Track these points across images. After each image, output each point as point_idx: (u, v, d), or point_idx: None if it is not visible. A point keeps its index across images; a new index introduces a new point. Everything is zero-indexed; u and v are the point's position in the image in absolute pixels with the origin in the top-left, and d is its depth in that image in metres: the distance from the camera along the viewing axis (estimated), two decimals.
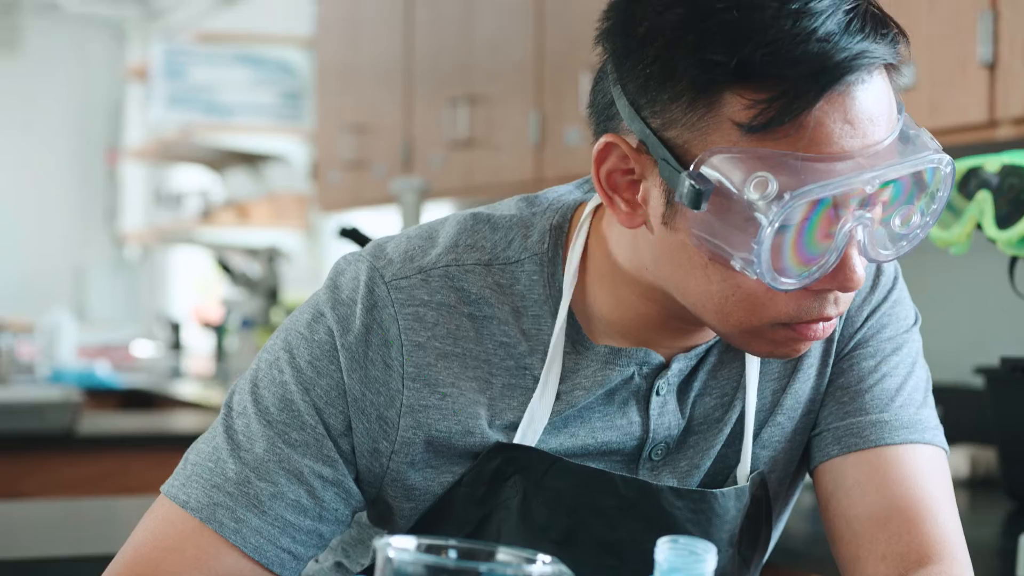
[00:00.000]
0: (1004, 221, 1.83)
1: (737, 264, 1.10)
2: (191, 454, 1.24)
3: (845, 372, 1.31)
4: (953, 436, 2.92)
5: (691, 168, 1.09)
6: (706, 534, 1.25)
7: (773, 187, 1.06)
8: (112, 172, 8.47)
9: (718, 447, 1.29)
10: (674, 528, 1.24)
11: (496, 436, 1.23)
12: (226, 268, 5.77)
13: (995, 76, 2.29)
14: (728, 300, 1.14)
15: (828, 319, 1.15)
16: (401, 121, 4.39)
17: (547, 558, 0.87)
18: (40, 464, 3.66)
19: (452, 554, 0.87)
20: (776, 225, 1.07)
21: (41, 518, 2.58)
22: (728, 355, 1.29)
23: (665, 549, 0.90)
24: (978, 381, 2.82)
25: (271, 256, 5.69)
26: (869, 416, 1.28)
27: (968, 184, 1.90)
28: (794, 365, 1.30)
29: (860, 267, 1.11)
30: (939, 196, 1.15)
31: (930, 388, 1.33)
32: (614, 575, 1.25)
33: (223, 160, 6.92)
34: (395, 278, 1.23)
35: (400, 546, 0.87)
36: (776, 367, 1.30)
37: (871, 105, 1.09)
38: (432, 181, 4.00)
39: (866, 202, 1.10)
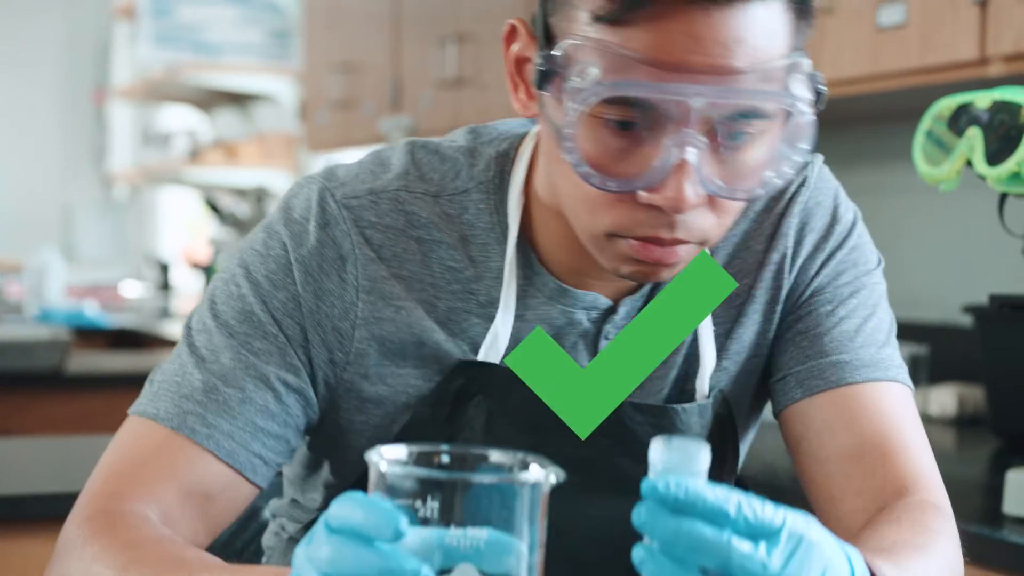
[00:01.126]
0: (994, 157, 1.82)
1: (563, 155, 1.12)
2: (156, 376, 1.25)
3: (803, 318, 1.31)
4: (941, 375, 2.93)
5: (542, 49, 1.13)
6: None
7: (593, 77, 1.08)
8: (100, 112, 8.42)
9: (666, 390, 1.30)
10: (636, 444, 1.25)
11: (451, 350, 1.24)
12: (214, 208, 5.76)
13: (986, 13, 2.28)
14: (573, 199, 1.17)
15: (662, 241, 1.14)
16: (389, 60, 4.36)
17: (539, 460, 0.87)
18: (29, 403, 3.66)
19: (444, 459, 0.86)
20: (580, 110, 1.09)
21: (29, 455, 2.59)
22: None
23: (659, 449, 0.90)
24: (966, 320, 2.82)
25: (259, 196, 5.68)
26: (830, 358, 1.28)
27: (958, 120, 1.89)
28: (738, 311, 1.30)
29: (689, 190, 1.10)
30: (800, 147, 1.14)
31: (894, 331, 1.32)
32: (582, 493, 1.25)
33: (211, 100, 6.88)
34: (346, 197, 1.25)
35: (392, 456, 0.86)
36: (720, 312, 1.30)
37: (731, 31, 1.07)
38: (421, 120, 3.98)
39: (701, 124, 1.09)
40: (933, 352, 2.93)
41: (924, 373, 2.89)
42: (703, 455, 0.90)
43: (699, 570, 0.88)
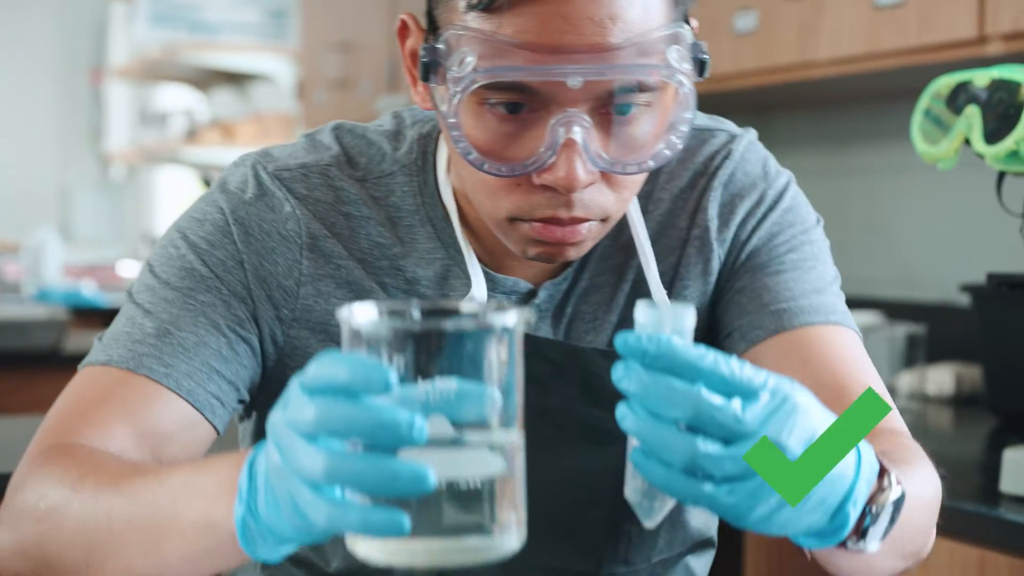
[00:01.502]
0: (993, 136, 1.82)
1: (453, 144, 1.14)
2: (103, 335, 1.24)
3: (741, 278, 1.31)
4: (939, 354, 2.93)
5: (426, 41, 1.15)
6: None
7: (470, 64, 1.10)
8: (96, 91, 8.40)
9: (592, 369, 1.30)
10: (605, 391, 1.25)
11: None
12: None
13: None
14: (473, 186, 1.19)
15: (562, 221, 1.15)
16: (386, 39, 4.35)
17: (510, 305, 0.88)
18: (25, 382, 3.66)
19: (415, 314, 0.85)
20: (460, 98, 1.10)
21: (25, 434, 2.58)
22: (601, 278, 1.30)
23: (644, 310, 0.91)
24: (964, 299, 2.82)
25: None
26: (769, 308, 1.28)
27: (957, 99, 1.89)
28: (670, 279, 1.30)
29: (579, 168, 1.11)
30: (684, 117, 1.14)
31: (837, 283, 1.32)
32: (552, 445, 1.25)
33: (208, 79, 6.87)
34: (277, 170, 1.28)
35: (365, 315, 0.85)
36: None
37: (603, 8, 1.08)
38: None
39: (585, 103, 1.11)
40: (931, 331, 2.93)
41: (922, 352, 2.90)
42: (687, 315, 0.91)
43: (675, 424, 0.88)
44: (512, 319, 0.86)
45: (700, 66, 1.16)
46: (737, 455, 0.88)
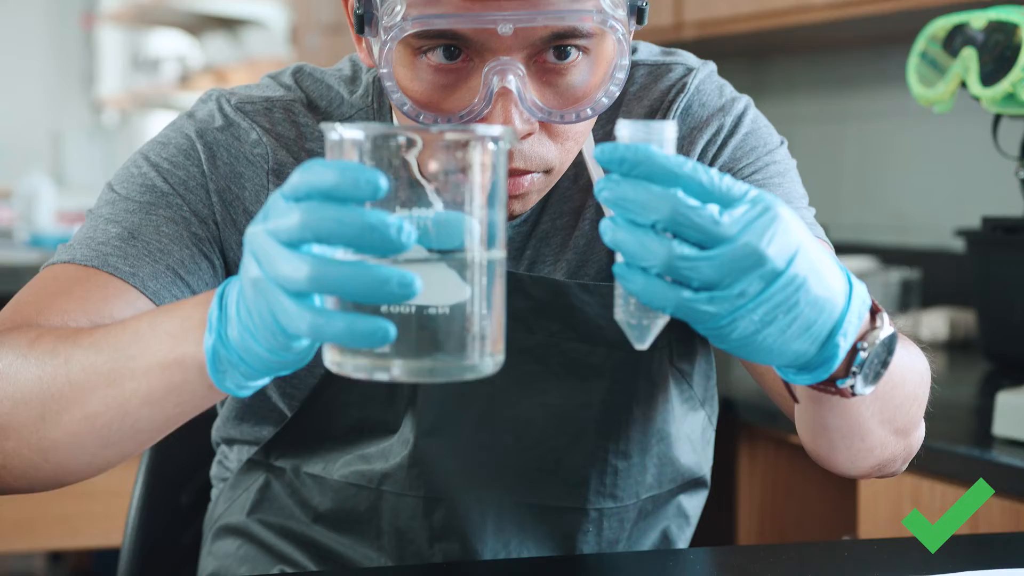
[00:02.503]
0: (989, 78, 1.81)
1: (388, 96, 1.13)
2: (64, 244, 1.22)
3: None
4: (933, 299, 2.93)
5: None
6: (620, 330, 1.25)
7: (399, 13, 1.09)
8: (88, 37, 8.35)
9: (599, 270, 1.29)
10: (588, 325, 1.25)
11: None
12: None
13: None
14: None
15: (513, 171, 1.14)
16: None
17: (493, 129, 0.87)
18: None
19: (400, 138, 0.85)
20: (388, 47, 1.09)
21: None
22: (561, 220, 1.29)
23: (625, 125, 0.91)
24: (958, 244, 2.82)
25: None
26: None
27: (953, 41, 1.88)
28: None
29: (516, 118, 1.10)
30: (621, 64, 1.13)
31: (805, 201, 1.32)
32: (539, 381, 1.25)
33: (200, 24, 6.83)
34: (241, 102, 1.28)
35: (346, 130, 0.85)
36: None
37: None
38: None
39: (519, 51, 1.09)
40: (925, 277, 2.93)
41: (916, 297, 2.89)
42: (668, 128, 0.91)
43: (650, 228, 0.88)
44: (498, 130, 0.86)
45: (638, 13, 1.13)
46: (714, 258, 0.87)
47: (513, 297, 1.24)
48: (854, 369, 0.99)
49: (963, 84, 1.87)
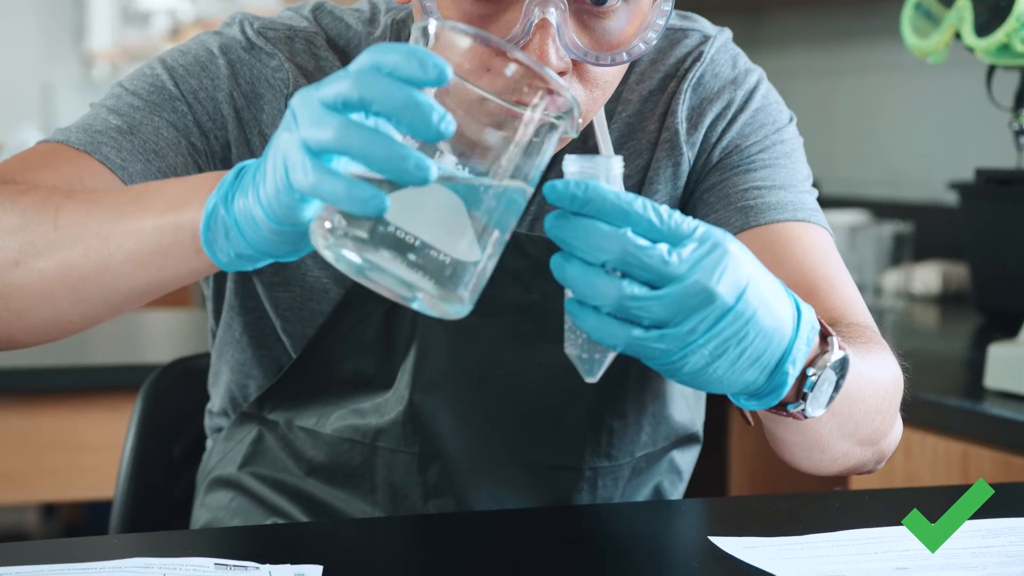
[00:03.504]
0: (983, 29, 1.80)
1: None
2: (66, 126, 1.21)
3: (711, 177, 1.29)
4: (926, 253, 2.93)
5: None
6: None
7: None
8: None
9: None
10: None
11: None
12: None
13: None
14: None
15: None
16: None
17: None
18: None
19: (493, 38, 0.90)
20: None
21: None
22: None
23: (572, 161, 0.92)
24: (951, 198, 2.82)
25: None
26: (735, 205, 1.26)
27: None
28: (639, 182, 1.29)
29: (551, 52, 1.08)
30: (662, 10, 1.12)
31: (809, 181, 1.31)
32: (534, 342, 1.25)
33: None
34: (264, 27, 1.27)
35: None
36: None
37: None
38: None
39: None
40: (917, 230, 2.93)
41: (908, 251, 2.89)
42: (615, 164, 0.92)
43: (601, 268, 0.89)
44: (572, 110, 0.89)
45: None
46: (664, 298, 0.88)
47: (510, 255, 1.24)
48: (804, 392, 1.00)
49: (957, 35, 1.86)
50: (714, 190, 1.28)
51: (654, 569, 1.02)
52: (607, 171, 0.92)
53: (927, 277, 2.79)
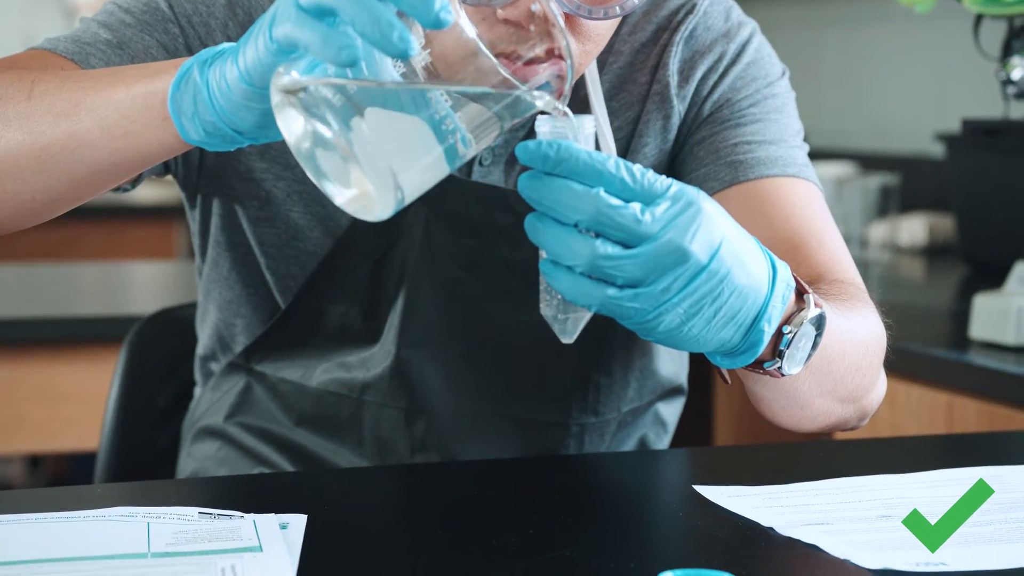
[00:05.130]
0: None
1: None
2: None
3: (701, 131, 1.29)
4: (911, 204, 2.93)
5: None
6: None
7: None
8: None
9: None
10: None
11: None
12: None
13: None
14: None
15: (521, 59, 1.11)
16: None
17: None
18: None
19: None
20: None
21: (9, 277, 2.58)
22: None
23: (544, 121, 0.92)
24: (937, 149, 2.81)
25: None
26: (724, 159, 1.26)
27: None
28: (629, 134, 1.28)
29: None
30: None
31: (800, 136, 1.30)
32: (522, 299, 1.25)
33: None
34: None
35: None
36: (612, 128, 1.28)
37: None
38: None
39: None
40: (904, 182, 2.93)
41: (895, 203, 2.89)
42: (586, 123, 0.92)
43: (574, 228, 0.89)
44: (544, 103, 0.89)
45: None
46: (637, 256, 0.88)
47: (498, 211, 1.23)
48: (780, 349, 1.00)
49: None
50: (704, 144, 1.28)
51: (638, 518, 1.02)
52: (579, 131, 0.91)
53: (913, 229, 2.79)
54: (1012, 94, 2.09)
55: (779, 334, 0.99)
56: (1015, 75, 2.05)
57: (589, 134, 0.92)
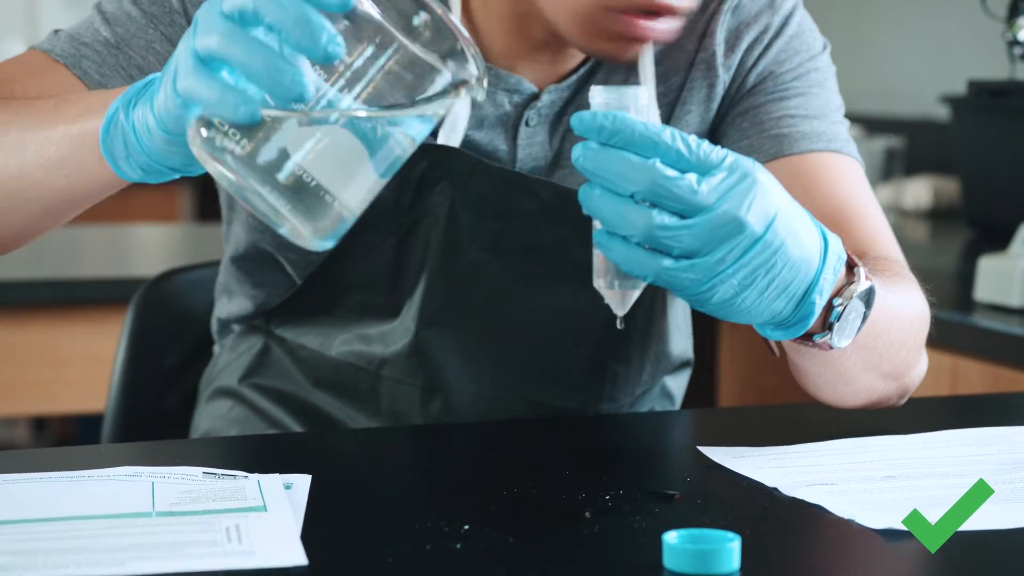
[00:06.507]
0: None
1: None
2: (64, 29, 1.20)
3: (744, 103, 1.29)
4: (916, 168, 2.92)
5: None
6: None
7: None
8: None
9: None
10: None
11: None
12: None
13: None
14: None
15: (659, 8, 1.14)
16: None
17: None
18: None
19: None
20: None
21: None
22: None
23: (598, 92, 0.92)
24: (942, 112, 2.81)
25: None
26: (768, 132, 1.26)
27: None
28: (673, 100, 1.28)
29: None
30: None
31: (841, 111, 1.31)
32: (546, 284, 1.25)
33: None
34: None
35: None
36: (656, 94, 1.28)
37: None
38: None
39: None
40: (909, 145, 2.92)
41: (899, 166, 2.89)
42: (641, 94, 0.92)
43: (630, 198, 0.89)
44: (468, 74, 0.84)
45: None
46: (693, 227, 0.89)
47: (522, 197, 1.23)
48: (831, 322, 1.00)
49: None
50: (747, 116, 1.28)
51: (643, 478, 1.02)
52: (634, 102, 0.91)
53: (918, 192, 2.79)
54: (1019, 55, 2.08)
55: (829, 307, 0.99)
56: (1022, 35, 2.04)
57: (644, 105, 0.92)
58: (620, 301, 0.96)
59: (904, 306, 1.13)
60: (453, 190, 1.22)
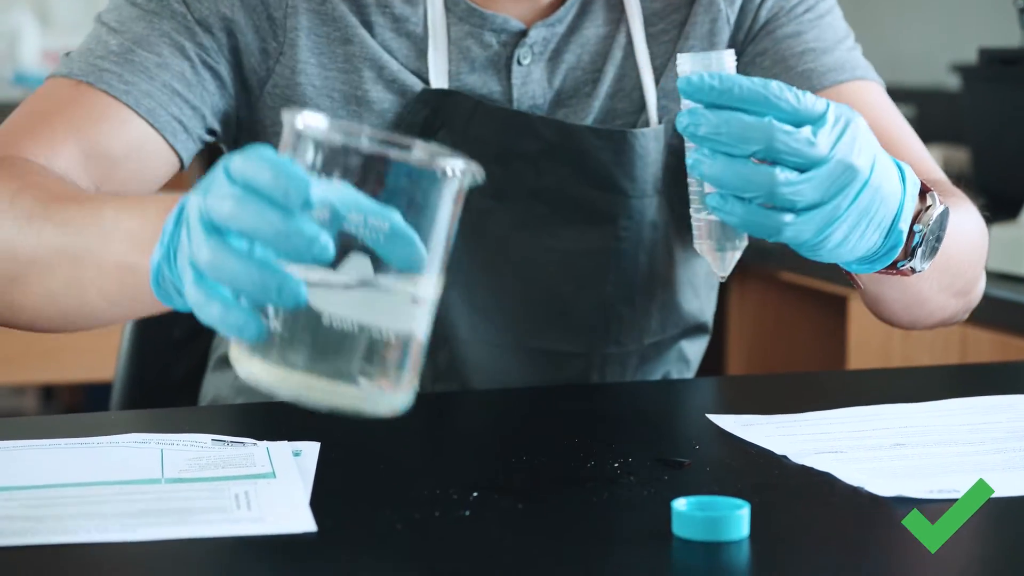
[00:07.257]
0: None
1: None
2: (71, 51, 1.21)
3: (761, 40, 1.29)
4: (926, 137, 2.90)
5: None
6: (630, 176, 1.24)
7: None
8: None
9: (595, 112, 1.27)
10: (598, 170, 1.24)
11: (406, 79, 1.22)
12: None
13: None
14: None
15: None
16: None
17: (459, 162, 0.80)
18: None
19: (364, 140, 0.78)
20: None
21: None
22: (602, 29, 1.27)
23: (685, 60, 0.92)
24: (953, 82, 2.79)
25: None
26: (796, 68, 1.26)
27: None
28: (675, 36, 1.28)
29: None
30: None
31: (852, 36, 1.31)
32: (549, 226, 1.24)
33: None
34: None
35: (312, 120, 0.78)
36: (653, 48, 1.28)
37: None
38: None
39: None
40: (919, 115, 2.91)
41: None
42: (726, 56, 0.92)
43: (748, 159, 0.89)
44: (461, 166, 0.79)
45: None
46: (813, 179, 0.90)
47: (523, 137, 1.23)
48: (912, 248, 1.01)
49: None
50: (768, 55, 1.28)
51: (652, 446, 1.02)
52: (720, 65, 0.91)
53: None
54: None
55: (911, 233, 1.01)
56: None
57: (731, 67, 0.92)
58: (724, 263, 0.96)
59: (967, 224, 1.16)
60: (453, 136, 1.22)
